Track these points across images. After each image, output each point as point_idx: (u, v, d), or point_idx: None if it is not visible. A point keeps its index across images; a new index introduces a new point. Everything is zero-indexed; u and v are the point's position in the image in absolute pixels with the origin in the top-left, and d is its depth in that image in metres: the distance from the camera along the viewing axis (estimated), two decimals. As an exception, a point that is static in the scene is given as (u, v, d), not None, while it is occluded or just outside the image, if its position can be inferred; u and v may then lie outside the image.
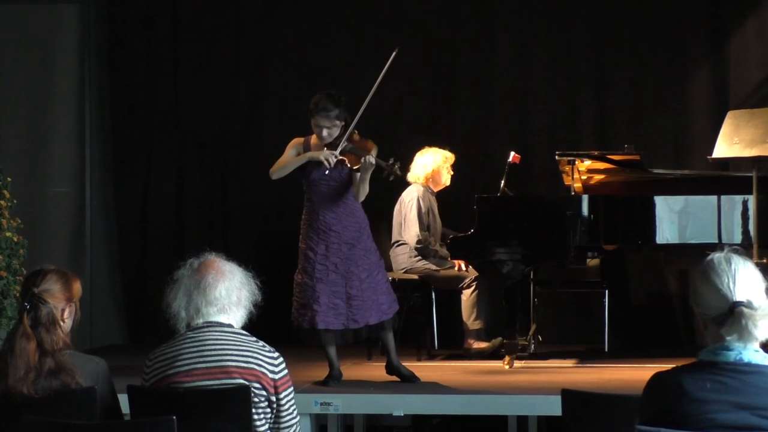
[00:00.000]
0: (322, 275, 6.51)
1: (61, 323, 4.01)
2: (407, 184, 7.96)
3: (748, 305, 3.05)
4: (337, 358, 6.65)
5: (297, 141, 6.66)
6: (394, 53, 6.60)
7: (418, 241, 7.88)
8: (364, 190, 6.56)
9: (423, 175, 8.01)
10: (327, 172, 6.49)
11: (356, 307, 6.52)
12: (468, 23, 9.15)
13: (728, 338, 3.06)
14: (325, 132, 6.47)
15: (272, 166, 6.62)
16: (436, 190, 8.08)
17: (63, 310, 4.03)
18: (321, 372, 6.67)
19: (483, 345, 7.75)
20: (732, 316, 3.05)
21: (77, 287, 4.10)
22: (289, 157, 6.60)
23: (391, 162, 6.49)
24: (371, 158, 6.42)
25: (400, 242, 7.98)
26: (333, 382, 6.55)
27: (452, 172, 8.09)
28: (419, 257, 7.93)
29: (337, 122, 6.48)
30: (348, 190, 6.58)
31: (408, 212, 7.91)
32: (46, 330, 3.95)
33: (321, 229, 6.54)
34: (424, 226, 7.91)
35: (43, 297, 3.99)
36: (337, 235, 6.53)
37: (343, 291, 6.51)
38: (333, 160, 6.42)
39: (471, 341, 7.81)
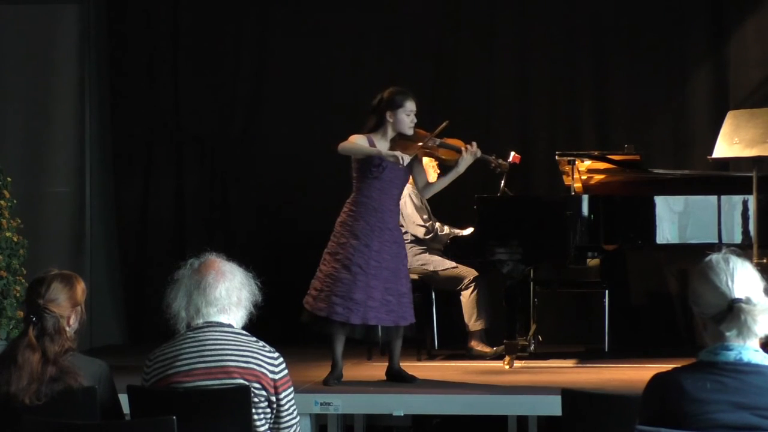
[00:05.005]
0: (376, 272, 6.45)
1: (67, 329, 3.98)
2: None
3: (747, 302, 3.06)
4: (342, 359, 6.63)
5: (359, 136, 6.50)
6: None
7: (426, 232, 7.86)
8: (444, 185, 6.68)
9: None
10: (399, 168, 6.45)
11: (405, 304, 6.52)
12: (468, 23, 9.15)
13: (728, 334, 3.06)
14: (414, 118, 6.46)
15: (342, 142, 6.43)
16: None
17: (69, 317, 4.00)
18: (321, 372, 6.65)
19: (486, 349, 7.72)
20: (731, 312, 3.06)
21: (81, 290, 4.06)
22: (361, 144, 6.46)
23: (494, 156, 6.60)
24: (478, 150, 6.49)
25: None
26: (334, 381, 6.52)
27: (439, 171, 8.06)
28: (423, 251, 7.90)
29: None
30: (402, 190, 6.63)
31: (404, 209, 7.88)
32: (51, 339, 3.92)
33: (378, 227, 6.48)
34: (424, 215, 7.90)
35: (48, 308, 3.95)
36: (390, 233, 6.53)
37: (395, 288, 6.48)
38: (407, 159, 6.40)
39: (474, 343, 7.79)
